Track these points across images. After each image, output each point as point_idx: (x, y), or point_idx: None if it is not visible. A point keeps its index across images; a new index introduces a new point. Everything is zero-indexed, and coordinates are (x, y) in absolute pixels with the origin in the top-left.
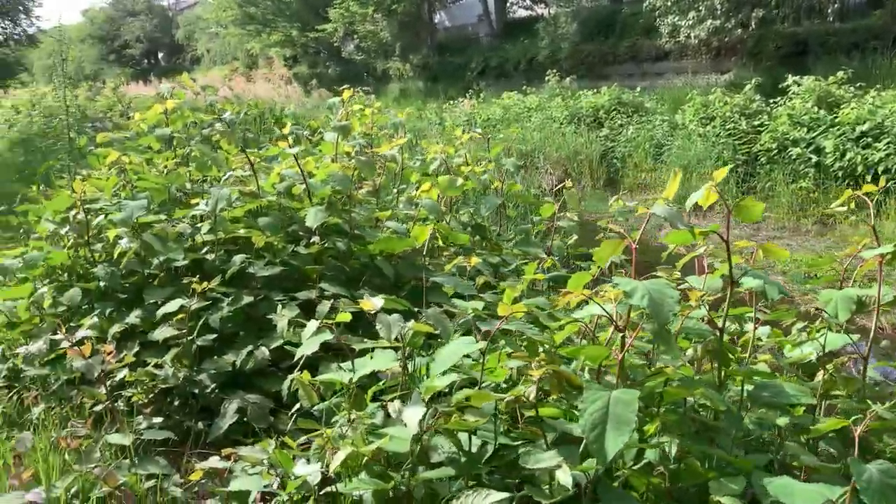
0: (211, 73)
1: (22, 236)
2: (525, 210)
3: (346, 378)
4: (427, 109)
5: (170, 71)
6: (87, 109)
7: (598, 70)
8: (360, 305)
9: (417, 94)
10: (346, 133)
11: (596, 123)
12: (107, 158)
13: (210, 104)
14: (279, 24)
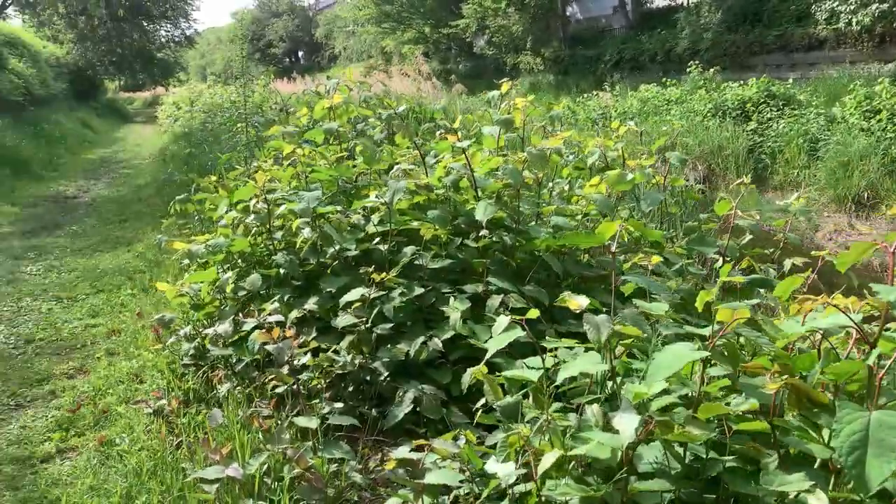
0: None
1: (197, 223)
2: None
3: (533, 376)
4: (559, 103)
5: (309, 68)
6: (240, 105)
7: (742, 60)
8: (567, 304)
9: (548, 87)
10: (508, 127)
11: (742, 117)
12: (283, 151)
13: (365, 100)
14: (413, 22)
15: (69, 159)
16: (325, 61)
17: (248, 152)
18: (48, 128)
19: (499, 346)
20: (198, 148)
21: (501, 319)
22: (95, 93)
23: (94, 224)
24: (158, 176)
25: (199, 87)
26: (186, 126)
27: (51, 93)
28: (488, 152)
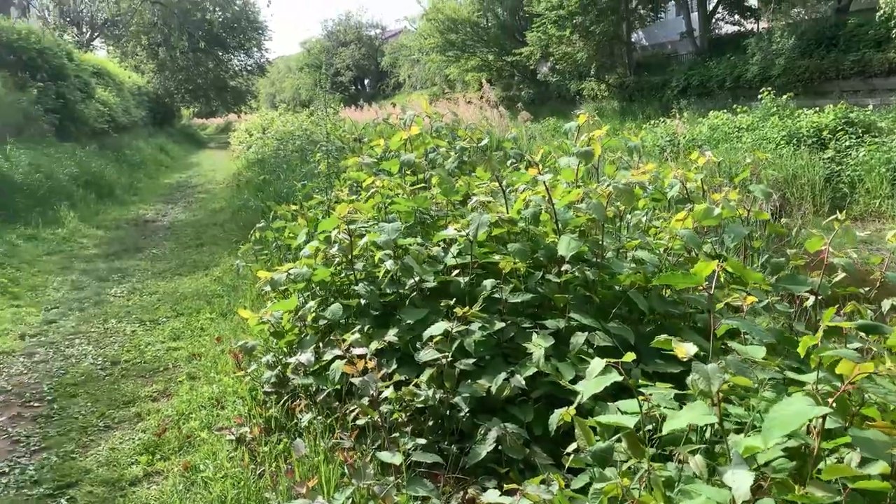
0: (411, 96)
1: (274, 250)
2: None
3: (629, 421)
4: (624, 129)
5: (374, 95)
6: (312, 133)
7: (816, 87)
8: (675, 351)
9: (613, 113)
10: (587, 159)
11: (818, 144)
12: (362, 182)
13: (437, 130)
14: (477, 50)
15: (148, 184)
16: (389, 89)
17: (327, 182)
18: (129, 153)
19: (593, 391)
20: (272, 174)
21: (596, 363)
22: (172, 119)
23: (173, 247)
24: (233, 201)
25: (270, 114)
26: (259, 153)
27: (132, 120)
28: (566, 184)
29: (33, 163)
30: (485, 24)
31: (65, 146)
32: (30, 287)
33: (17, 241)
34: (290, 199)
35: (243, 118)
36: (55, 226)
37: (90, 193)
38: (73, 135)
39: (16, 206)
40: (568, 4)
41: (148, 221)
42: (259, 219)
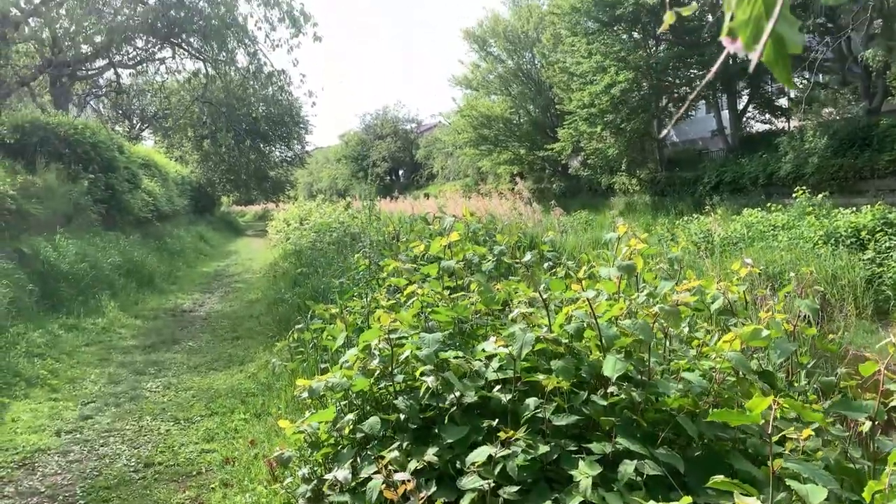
0: (444, 187)
1: (311, 350)
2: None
3: None
4: (657, 225)
5: (408, 186)
6: (349, 226)
7: (851, 185)
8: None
9: (644, 208)
10: (629, 273)
11: (857, 245)
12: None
13: (474, 232)
14: (509, 144)
15: (186, 272)
16: (423, 179)
17: (365, 282)
18: (170, 242)
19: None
20: (309, 267)
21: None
22: (212, 208)
23: (209, 340)
24: (269, 293)
25: (308, 204)
26: (297, 244)
27: (175, 209)
28: (607, 296)
29: (79, 252)
30: (517, 120)
31: (110, 235)
32: (68, 379)
33: (58, 331)
34: (326, 294)
35: (281, 207)
36: (96, 315)
37: (131, 282)
38: (119, 224)
39: (60, 294)
40: (599, 103)
41: (185, 311)
42: (295, 314)
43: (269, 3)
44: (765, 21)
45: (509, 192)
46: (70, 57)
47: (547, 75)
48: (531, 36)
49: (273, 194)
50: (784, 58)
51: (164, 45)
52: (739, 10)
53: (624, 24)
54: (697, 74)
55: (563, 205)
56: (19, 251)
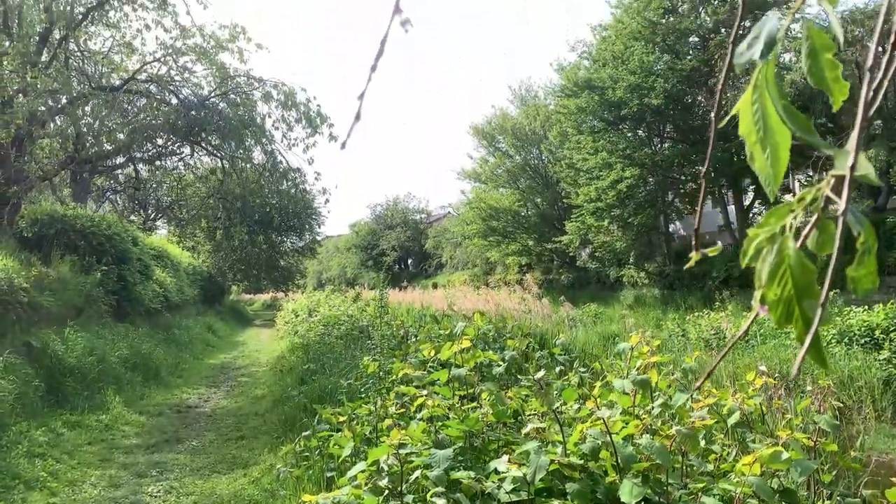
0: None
1: (317, 456)
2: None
3: None
4: (667, 320)
5: (416, 275)
6: (358, 320)
7: None
8: None
9: (653, 302)
10: (644, 388)
11: (872, 344)
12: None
13: (484, 335)
14: (518, 236)
15: (193, 364)
16: (432, 269)
17: (374, 387)
18: (178, 333)
19: None
20: (316, 363)
21: None
22: (222, 297)
23: (213, 439)
24: (275, 389)
25: (317, 295)
26: (304, 337)
27: (185, 299)
28: (622, 411)
29: (88, 345)
30: (525, 212)
31: (119, 327)
32: (68, 482)
33: (61, 428)
34: (334, 395)
35: (290, 296)
36: (100, 411)
37: (137, 376)
38: (129, 315)
39: (66, 390)
40: (606, 198)
41: (190, 407)
42: (301, 414)
43: (287, 104)
44: (795, 304)
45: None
46: (92, 153)
47: (554, 170)
48: (538, 133)
49: (283, 283)
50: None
51: (184, 143)
52: (770, 290)
53: (629, 122)
54: (702, 170)
55: (572, 297)
56: (28, 345)
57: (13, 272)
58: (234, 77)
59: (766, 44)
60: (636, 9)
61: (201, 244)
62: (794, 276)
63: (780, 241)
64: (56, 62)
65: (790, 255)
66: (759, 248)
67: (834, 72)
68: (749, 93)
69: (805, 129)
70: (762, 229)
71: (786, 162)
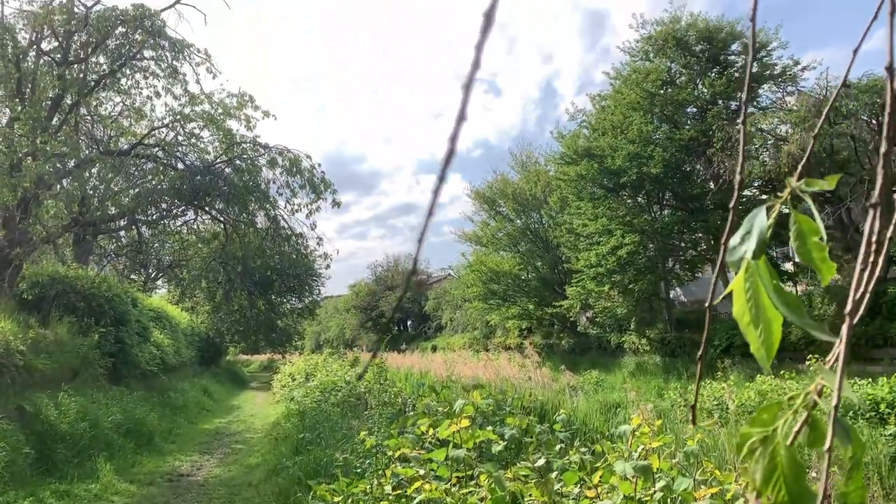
0: (452, 339)
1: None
2: None
3: None
4: (668, 388)
5: (415, 336)
6: (355, 387)
7: (864, 353)
8: None
9: (655, 369)
10: (646, 475)
11: (877, 419)
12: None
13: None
14: (518, 300)
15: (188, 429)
16: (431, 331)
17: (368, 464)
18: (174, 396)
19: None
20: (311, 432)
21: None
22: (218, 358)
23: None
24: (269, 458)
25: (314, 358)
26: (300, 403)
27: (181, 361)
28: (623, 497)
29: (81, 410)
30: (525, 276)
31: (114, 390)
32: None
33: (49, 498)
34: (328, 468)
35: (287, 357)
36: (89, 480)
37: (130, 442)
38: (125, 377)
39: (55, 457)
40: (606, 263)
41: (182, 475)
42: (295, 487)
43: (292, 171)
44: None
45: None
46: (96, 216)
47: (554, 235)
48: (539, 198)
49: (280, 345)
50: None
51: (188, 207)
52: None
53: (628, 189)
54: (702, 238)
55: (572, 362)
56: (21, 409)
57: (10, 334)
58: (241, 143)
59: (758, 244)
60: (634, 80)
61: (200, 305)
62: (787, 483)
63: (773, 445)
64: (66, 126)
65: (783, 461)
66: (752, 448)
67: (821, 253)
68: (741, 275)
69: (796, 311)
70: (754, 428)
71: (777, 339)
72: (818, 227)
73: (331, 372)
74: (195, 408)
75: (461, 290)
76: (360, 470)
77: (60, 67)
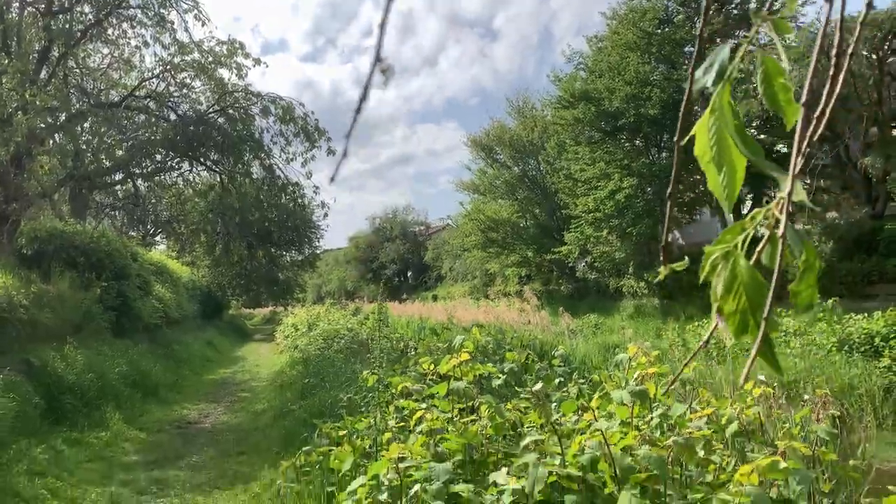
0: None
1: (318, 471)
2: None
3: None
4: (667, 329)
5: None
6: (357, 334)
7: (860, 290)
8: None
9: (653, 311)
10: (642, 399)
11: (872, 352)
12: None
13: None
14: (517, 247)
15: (193, 380)
16: (431, 280)
17: (373, 400)
18: (178, 349)
19: None
20: (316, 377)
21: None
22: (221, 312)
23: (213, 455)
24: (276, 403)
25: (316, 309)
26: (304, 351)
27: (184, 314)
28: (620, 422)
29: (87, 362)
30: (524, 223)
31: (118, 343)
32: (68, 500)
33: (61, 446)
34: (334, 409)
35: (290, 310)
36: (100, 428)
37: (136, 393)
38: (128, 331)
39: (64, 407)
40: (604, 208)
41: (190, 423)
42: (301, 428)
43: (286, 119)
44: (750, 315)
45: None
46: (91, 170)
47: (552, 181)
48: (536, 144)
49: (282, 297)
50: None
51: (183, 159)
52: (725, 304)
53: (626, 133)
54: (700, 180)
55: (572, 307)
56: (27, 362)
57: (12, 289)
58: (233, 92)
59: (717, 73)
60: (631, 20)
61: (200, 259)
62: (747, 291)
63: (734, 257)
64: (55, 79)
65: (743, 271)
66: (714, 264)
67: (786, 95)
68: (707, 116)
69: (754, 152)
70: (718, 246)
71: (740, 182)
72: (783, 68)
73: (333, 321)
74: (199, 359)
75: (460, 240)
76: (364, 409)
77: (45, 18)
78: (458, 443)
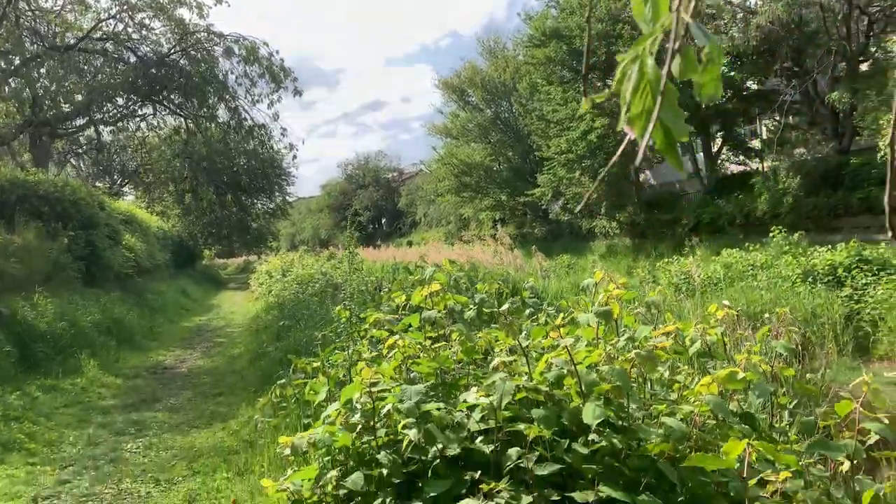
0: (427, 235)
1: (294, 405)
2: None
3: None
4: (638, 267)
5: (391, 234)
6: (331, 278)
7: (826, 224)
8: None
9: (625, 250)
10: (606, 319)
11: (835, 282)
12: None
13: (455, 280)
14: (490, 191)
15: (168, 328)
16: (406, 227)
17: (347, 335)
18: (151, 297)
19: None
20: (291, 320)
21: None
22: (194, 262)
23: (190, 397)
24: (252, 347)
25: (290, 256)
26: (279, 296)
27: (156, 263)
28: (586, 343)
29: (58, 311)
30: (497, 167)
31: (90, 292)
32: (46, 442)
33: (36, 392)
34: (309, 348)
35: (263, 258)
36: (75, 375)
37: (111, 340)
38: (99, 281)
39: (38, 355)
40: (576, 149)
41: (167, 368)
42: (278, 368)
43: (250, 59)
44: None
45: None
46: (50, 116)
47: (525, 123)
48: (508, 85)
49: (255, 246)
50: (673, 145)
51: (145, 103)
52: (634, 104)
53: (598, 72)
54: None
55: (546, 249)
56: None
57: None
58: (194, 33)
59: None
60: None
61: (170, 209)
62: (653, 89)
63: (641, 59)
64: (6, 22)
65: (649, 70)
66: (624, 71)
67: None
68: None
69: None
70: (628, 55)
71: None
72: None
73: (307, 266)
74: (174, 307)
75: (433, 185)
76: (338, 343)
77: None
78: (430, 367)
